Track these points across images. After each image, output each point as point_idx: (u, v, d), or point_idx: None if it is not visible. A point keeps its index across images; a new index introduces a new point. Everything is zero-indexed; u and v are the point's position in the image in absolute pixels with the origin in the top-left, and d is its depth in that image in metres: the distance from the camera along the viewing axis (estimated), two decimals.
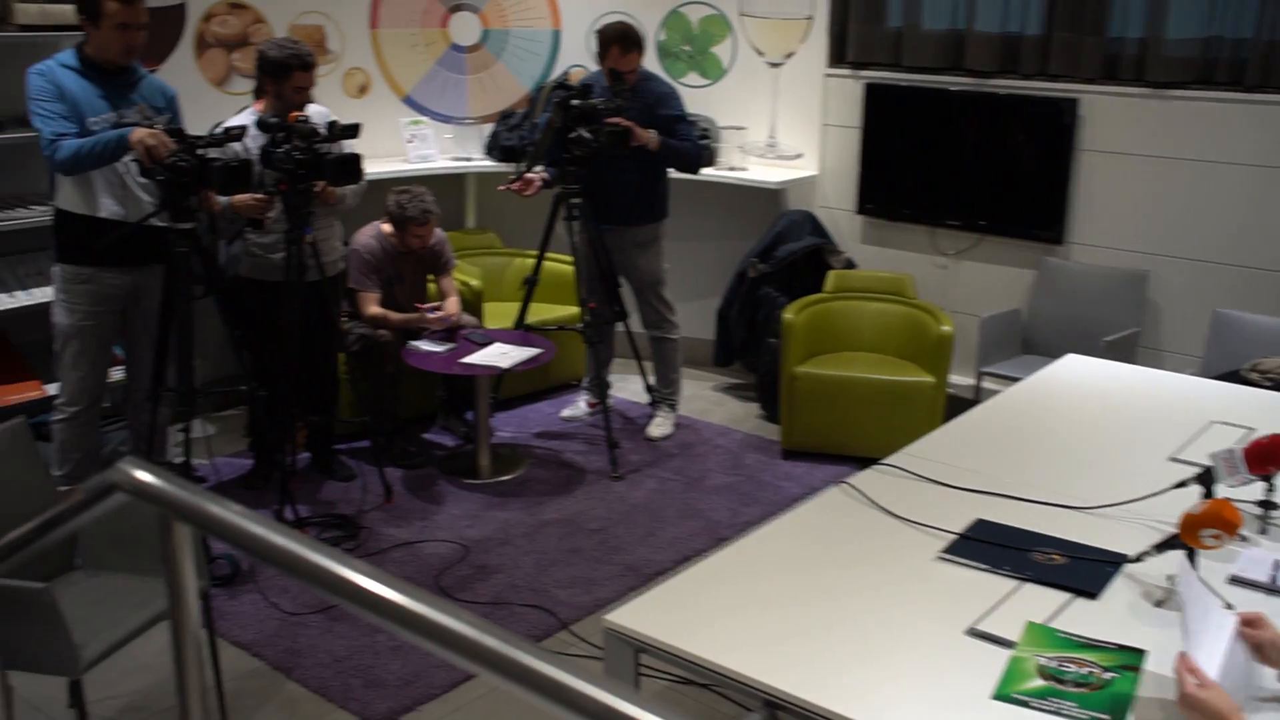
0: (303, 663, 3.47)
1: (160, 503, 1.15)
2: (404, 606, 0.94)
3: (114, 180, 3.86)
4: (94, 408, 4.12)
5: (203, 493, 1.13)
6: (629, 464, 4.93)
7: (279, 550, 1.02)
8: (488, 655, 0.91)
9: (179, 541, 1.15)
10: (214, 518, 1.10)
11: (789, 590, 2.30)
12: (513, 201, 5.05)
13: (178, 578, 1.16)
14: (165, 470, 1.20)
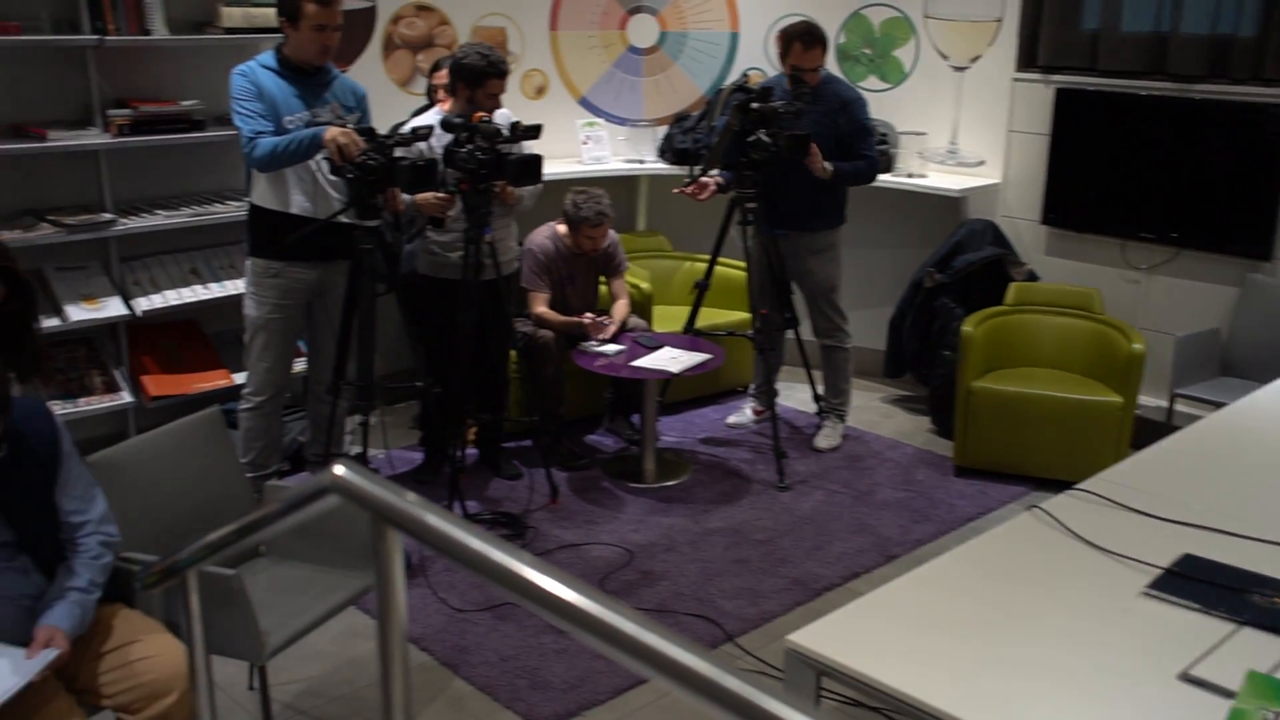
0: (470, 660, 3.50)
1: (372, 507, 1.13)
2: (639, 640, 0.89)
3: (305, 177, 3.97)
4: (278, 398, 4.25)
5: (414, 498, 1.11)
6: (795, 474, 4.84)
7: (495, 566, 0.99)
8: (711, 687, 0.85)
9: (390, 547, 1.14)
10: (425, 526, 1.07)
11: (979, 618, 2.19)
12: (683, 205, 5.01)
13: (387, 581, 1.15)
14: (378, 475, 1.19)
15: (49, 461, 2.47)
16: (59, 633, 2.34)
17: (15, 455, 2.39)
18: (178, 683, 2.44)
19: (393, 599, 1.15)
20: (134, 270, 4.58)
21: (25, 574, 2.44)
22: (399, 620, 1.16)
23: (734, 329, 5.29)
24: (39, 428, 2.47)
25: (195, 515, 2.98)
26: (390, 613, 1.15)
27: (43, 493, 2.46)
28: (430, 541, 1.06)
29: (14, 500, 2.40)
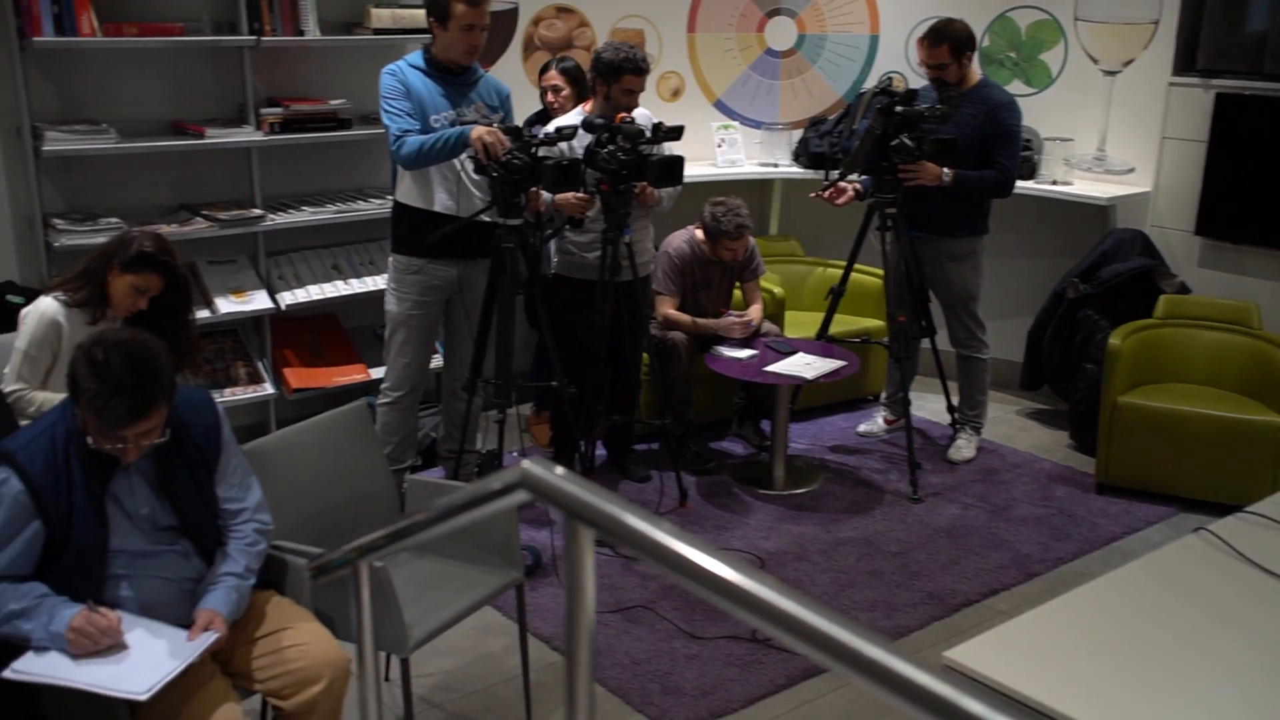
0: (601, 662, 3.48)
1: (564, 505, 1.11)
2: (864, 654, 0.85)
3: (449, 176, 4.01)
4: (415, 393, 4.30)
5: (607, 496, 1.09)
6: (929, 486, 4.72)
7: (698, 570, 0.96)
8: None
9: (582, 545, 1.11)
10: (620, 525, 1.05)
11: (1147, 643, 2.09)
12: (817, 210, 4.94)
13: (578, 580, 1.12)
14: (571, 472, 1.16)
15: (210, 449, 2.52)
16: (218, 616, 2.39)
17: (178, 441, 2.45)
18: (327, 671, 2.47)
19: (583, 597, 1.12)
20: (279, 265, 4.69)
21: (186, 558, 2.50)
22: (587, 619, 1.14)
23: (868, 336, 5.20)
24: (202, 416, 2.52)
25: (341, 507, 3.03)
26: (580, 610, 1.13)
27: (203, 479, 2.51)
28: (626, 540, 1.03)
29: (177, 486, 2.46)
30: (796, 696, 3.33)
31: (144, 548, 2.43)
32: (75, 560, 2.35)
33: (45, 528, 2.32)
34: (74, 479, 2.34)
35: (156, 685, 2.19)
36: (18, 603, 2.29)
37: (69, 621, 2.26)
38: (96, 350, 2.28)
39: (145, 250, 3.20)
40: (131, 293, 3.21)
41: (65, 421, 2.38)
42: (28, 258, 4.19)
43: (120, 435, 2.29)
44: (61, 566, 2.35)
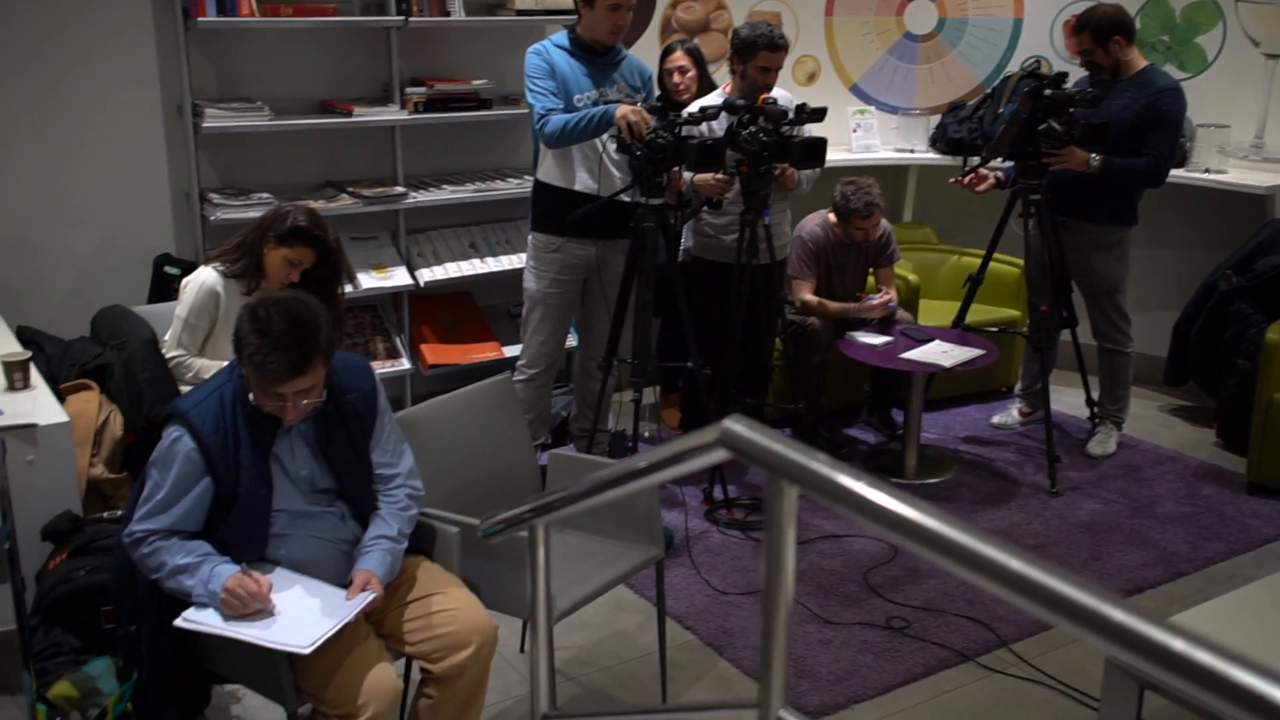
0: (734, 643, 3.47)
1: (769, 463, 1.10)
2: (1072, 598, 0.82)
3: (591, 156, 4.03)
4: (550, 371, 4.34)
5: (814, 453, 1.07)
6: (1068, 480, 4.60)
7: (914, 525, 0.94)
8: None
9: (787, 505, 1.10)
10: (827, 481, 1.03)
11: None
12: (953, 197, 4.83)
13: (779, 541, 1.11)
14: (774, 430, 1.15)
15: (367, 414, 2.58)
16: (375, 578, 2.44)
17: (337, 406, 2.51)
18: (475, 636, 2.50)
19: (783, 558, 1.11)
20: (418, 242, 4.77)
21: (342, 520, 2.56)
22: (786, 582, 1.13)
23: (1004, 325, 5.08)
24: (360, 381, 2.58)
25: (486, 478, 3.07)
26: (779, 572, 1.12)
27: (360, 444, 2.57)
28: (833, 497, 1.02)
29: (334, 448, 2.52)
30: (934, 686, 3.28)
31: (303, 508, 2.50)
32: (241, 518, 2.42)
33: (214, 485, 2.40)
34: (241, 438, 2.41)
35: (319, 640, 2.25)
36: (184, 558, 2.37)
37: (223, 582, 2.33)
38: (259, 308, 2.34)
39: (299, 224, 3.29)
40: (285, 265, 3.30)
41: (233, 383, 2.45)
42: (184, 231, 4.34)
43: (279, 393, 2.35)
44: (228, 524, 2.43)
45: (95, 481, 3.19)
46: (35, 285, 4.10)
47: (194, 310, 3.36)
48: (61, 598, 2.80)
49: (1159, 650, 0.76)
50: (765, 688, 1.19)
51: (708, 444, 1.16)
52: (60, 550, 2.92)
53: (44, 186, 4.07)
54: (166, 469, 2.39)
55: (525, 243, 4.48)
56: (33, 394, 3.12)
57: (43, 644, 2.71)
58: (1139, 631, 0.78)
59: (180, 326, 3.39)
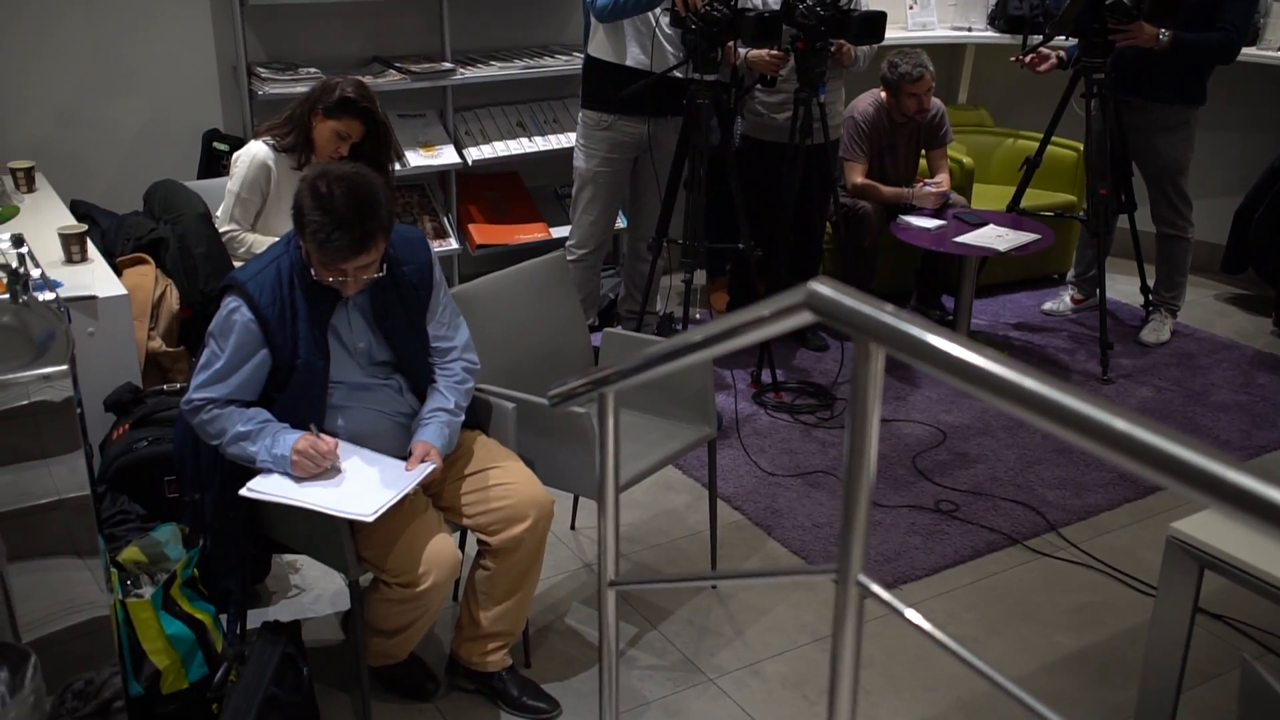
0: (782, 523, 3.50)
1: (856, 324, 1.08)
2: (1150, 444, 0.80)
3: (643, 30, 3.93)
4: (600, 251, 4.31)
5: (903, 314, 1.05)
6: (1120, 368, 4.55)
7: (1007, 383, 0.92)
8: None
9: (874, 367, 1.08)
10: (921, 344, 1.01)
11: None
12: (1010, 77, 4.69)
13: (864, 403, 1.09)
14: (860, 291, 1.13)
15: (423, 286, 2.57)
16: (433, 449, 2.46)
17: (394, 278, 2.50)
18: (532, 510, 2.53)
19: (868, 422, 1.10)
20: (466, 121, 4.71)
21: (399, 393, 2.57)
22: (870, 446, 1.11)
23: (1060, 210, 4.98)
24: (416, 253, 2.57)
25: (539, 355, 3.08)
26: (864, 435, 1.10)
27: (416, 316, 2.57)
28: (924, 358, 0.99)
29: (391, 321, 2.52)
30: (981, 569, 3.30)
31: (360, 380, 2.51)
32: (299, 388, 2.44)
33: (271, 356, 2.41)
34: (298, 309, 2.41)
35: (382, 508, 2.28)
36: (244, 425, 2.39)
37: (292, 445, 2.36)
38: (320, 183, 2.32)
39: (347, 95, 3.25)
40: (334, 138, 3.27)
41: (289, 254, 2.44)
42: (231, 106, 4.30)
43: (341, 269, 2.35)
44: (287, 395, 2.44)
45: (154, 355, 3.22)
46: (87, 159, 4.10)
47: (246, 184, 3.35)
48: (126, 467, 2.86)
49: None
50: (845, 553, 1.19)
51: (793, 306, 1.14)
52: (123, 421, 2.97)
53: (92, 59, 4.04)
54: (224, 339, 2.41)
55: (574, 121, 4.41)
56: (90, 267, 3.13)
57: (110, 510, 2.78)
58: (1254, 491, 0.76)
59: (233, 201, 3.38)
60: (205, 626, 2.45)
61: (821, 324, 1.14)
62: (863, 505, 1.16)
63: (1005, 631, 3.02)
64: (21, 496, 2.04)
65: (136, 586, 2.47)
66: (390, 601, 2.44)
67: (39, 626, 2.11)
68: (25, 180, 3.67)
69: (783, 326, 1.17)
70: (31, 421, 2.00)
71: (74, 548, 2.13)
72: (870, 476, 1.16)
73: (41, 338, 2.15)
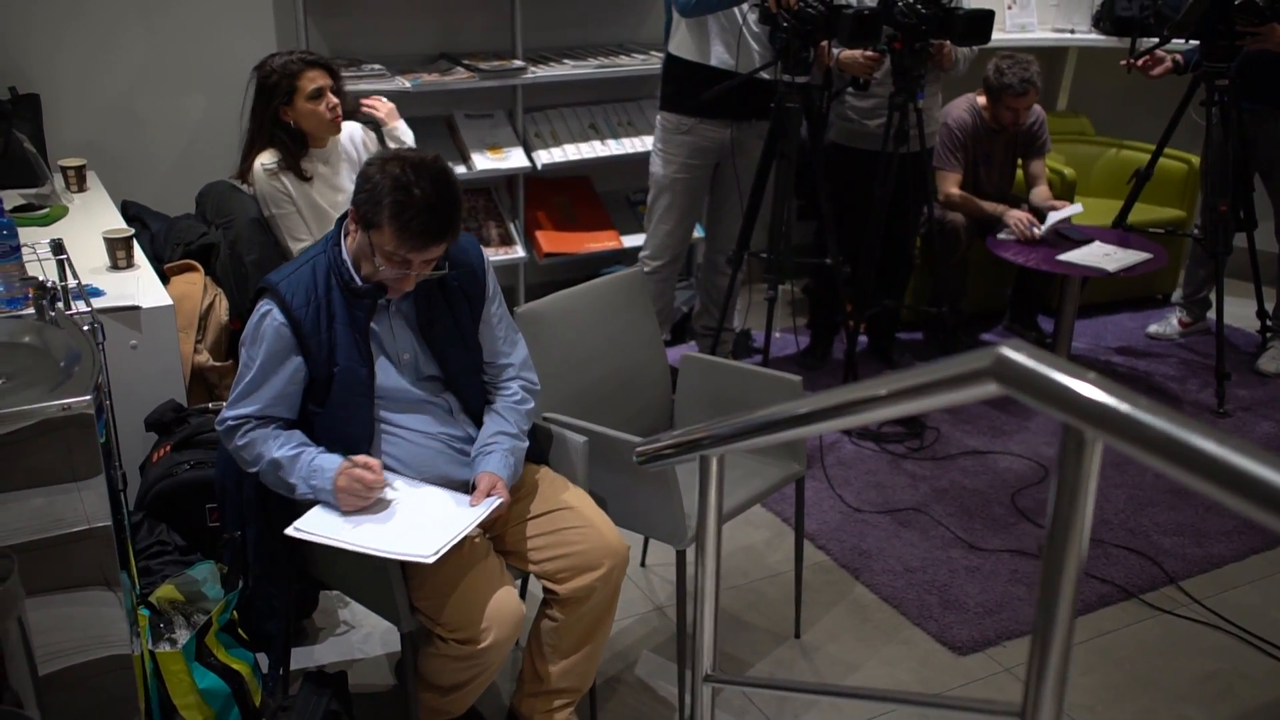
0: (871, 566, 3.21)
1: (1067, 406, 0.81)
2: None
3: (729, 27, 3.66)
4: (675, 263, 4.05)
5: (1129, 395, 0.78)
6: (1237, 399, 4.20)
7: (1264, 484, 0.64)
8: None
9: (1088, 462, 0.81)
10: (1158, 434, 0.73)
11: None
12: (1114, 83, 4.35)
13: (1073, 506, 0.82)
14: (1065, 361, 0.85)
15: (474, 292, 2.32)
16: (500, 481, 2.21)
17: (440, 282, 2.25)
18: (607, 558, 2.27)
19: (1075, 531, 0.83)
20: (536, 122, 4.48)
21: (451, 413, 2.32)
22: (1075, 563, 0.84)
23: (1170, 226, 4.63)
24: (467, 258, 2.32)
25: (613, 378, 2.82)
26: (1068, 546, 0.83)
27: (466, 325, 2.31)
28: (1164, 454, 0.72)
29: (438, 329, 2.27)
30: (1095, 625, 2.98)
31: (407, 398, 2.26)
32: (342, 400, 2.19)
33: (307, 365, 2.17)
34: (335, 312, 2.17)
35: (444, 547, 2.03)
36: (281, 450, 2.16)
37: (333, 478, 2.11)
38: (393, 165, 2.10)
39: (287, 61, 3.11)
40: (316, 105, 3.10)
41: (327, 254, 2.21)
42: None
43: (411, 257, 2.11)
44: (329, 409, 2.20)
45: (200, 369, 3.01)
46: (140, 158, 3.91)
47: (275, 202, 3.16)
48: (165, 492, 2.65)
49: None
50: (1034, 696, 0.91)
51: (975, 373, 0.87)
52: (164, 442, 2.76)
53: (148, 53, 3.85)
54: (255, 346, 2.17)
55: (649, 124, 4.15)
56: (136, 274, 2.93)
57: (146, 541, 2.56)
58: None
59: (285, 225, 3.19)
60: (243, 678, 2.22)
61: (906, 346, 0.86)
62: (1062, 633, 0.88)
63: (1126, 700, 2.70)
64: (44, 526, 1.84)
65: (170, 630, 2.25)
66: (446, 658, 2.18)
67: (56, 660, 1.90)
68: (76, 179, 3.49)
69: (961, 398, 0.90)
70: (50, 449, 1.79)
71: (99, 579, 1.91)
72: (1072, 601, 0.88)
73: (67, 360, 1.93)
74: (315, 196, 3.20)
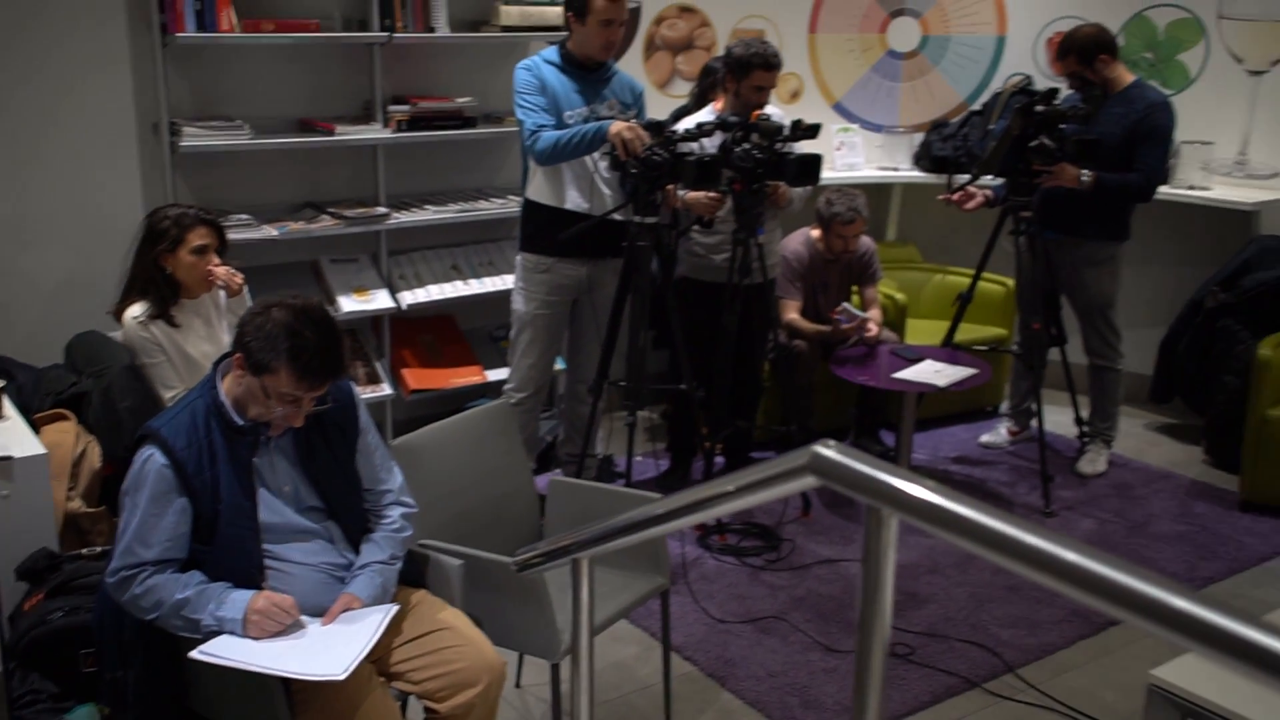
0: (736, 673, 3.37)
1: (868, 490, 1.01)
2: None
3: (582, 174, 3.94)
4: (539, 395, 4.24)
5: (917, 479, 0.98)
6: (1061, 500, 4.55)
7: (1035, 551, 0.85)
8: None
9: (887, 536, 1.01)
10: (935, 509, 0.94)
11: None
12: (937, 215, 4.78)
13: (878, 576, 1.02)
14: (868, 454, 1.06)
15: (350, 426, 2.49)
16: (357, 600, 2.34)
17: (317, 418, 2.40)
18: (484, 674, 2.39)
19: (881, 597, 1.02)
20: (400, 265, 4.66)
21: (332, 543, 2.45)
22: (883, 625, 1.04)
23: (993, 344, 5.04)
24: (338, 394, 2.48)
25: (485, 505, 2.97)
26: (877, 614, 1.03)
27: (344, 457, 2.48)
28: (946, 525, 0.93)
29: (318, 463, 2.42)
30: (942, 715, 3.19)
31: (290, 528, 2.39)
32: (229, 536, 2.31)
33: (192, 504, 2.28)
34: (217, 451, 2.31)
35: (353, 663, 2.14)
36: (183, 592, 2.25)
37: (245, 605, 2.22)
38: (279, 311, 2.27)
39: (182, 214, 3.25)
40: (197, 260, 3.21)
41: (205, 397, 2.35)
42: None
43: (300, 395, 2.27)
44: (216, 545, 2.30)
45: (73, 516, 3.05)
46: (5, 310, 3.94)
47: (146, 352, 3.24)
48: (38, 640, 2.66)
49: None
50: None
51: (795, 469, 1.07)
52: (36, 590, 2.78)
53: (12, 206, 3.92)
54: (138, 493, 2.28)
55: (509, 264, 4.38)
56: (6, 425, 2.98)
57: (19, 690, 2.57)
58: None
59: (156, 373, 3.26)
60: None
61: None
62: (876, 685, 1.07)
63: None
64: None
65: None
66: None
67: None
68: None
69: (784, 490, 1.10)
70: None
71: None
72: (884, 652, 1.07)
73: None
74: (187, 346, 3.29)
